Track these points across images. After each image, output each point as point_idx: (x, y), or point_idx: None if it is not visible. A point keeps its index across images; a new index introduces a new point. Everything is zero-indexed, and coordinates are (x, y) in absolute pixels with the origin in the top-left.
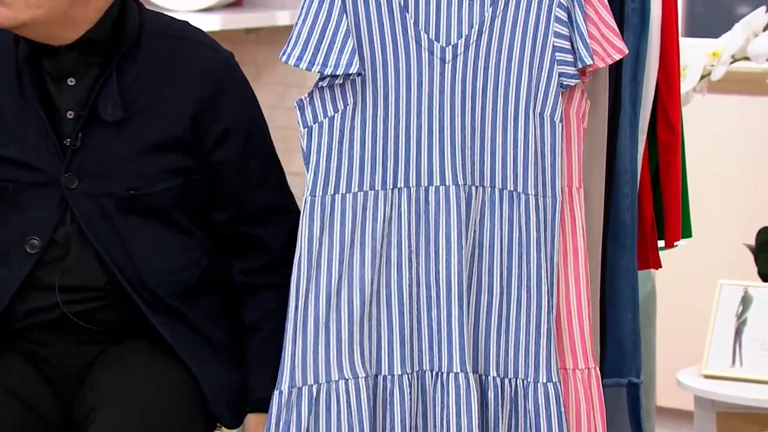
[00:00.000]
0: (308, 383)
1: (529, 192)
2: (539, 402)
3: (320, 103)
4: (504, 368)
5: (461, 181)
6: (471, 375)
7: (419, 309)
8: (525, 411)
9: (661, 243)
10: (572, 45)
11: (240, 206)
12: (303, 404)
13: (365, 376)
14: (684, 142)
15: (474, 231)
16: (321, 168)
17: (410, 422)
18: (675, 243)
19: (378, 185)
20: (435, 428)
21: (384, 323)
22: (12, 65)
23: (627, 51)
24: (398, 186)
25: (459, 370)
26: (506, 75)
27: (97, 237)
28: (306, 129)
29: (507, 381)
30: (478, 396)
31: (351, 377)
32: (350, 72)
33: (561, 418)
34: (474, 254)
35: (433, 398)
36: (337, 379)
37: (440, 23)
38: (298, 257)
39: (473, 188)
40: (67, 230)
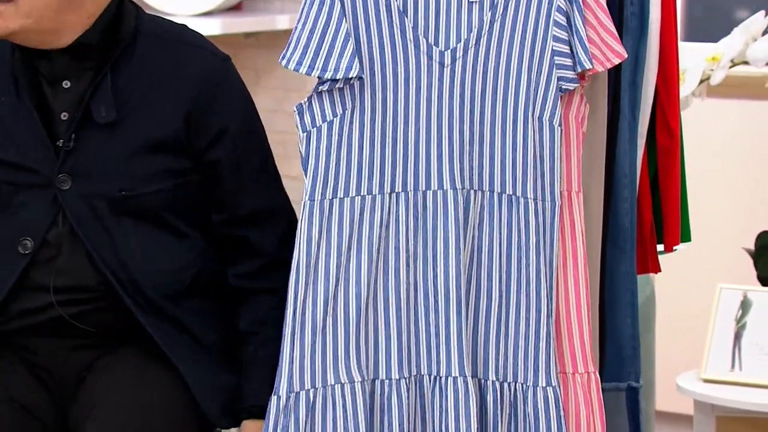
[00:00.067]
0: (305, 388)
1: (528, 196)
2: (539, 406)
3: (319, 108)
4: (503, 372)
5: (460, 185)
6: (470, 379)
7: (417, 313)
8: (524, 415)
9: (661, 247)
10: (571, 49)
11: (233, 208)
12: (300, 409)
13: (362, 381)
14: (683, 146)
15: (473, 235)
16: (320, 172)
17: (408, 427)
18: (674, 247)
19: (376, 189)
20: None
21: (381, 327)
22: (8, 68)
23: (626, 55)
24: (396, 190)
25: (458, 375)
26: (505, 79)
27: (89, 238)
28: (305, 133)
29: (506, 385)
30: (477, 400)
31: (348, 381)
32: (350, 76)
33: (560, 423)
34: (473, 258)
35: (432, 403)
36: (335, 384)
37: (439, 27)
38: (296, 261)
39: (472, 192)
40: (59, 231)
